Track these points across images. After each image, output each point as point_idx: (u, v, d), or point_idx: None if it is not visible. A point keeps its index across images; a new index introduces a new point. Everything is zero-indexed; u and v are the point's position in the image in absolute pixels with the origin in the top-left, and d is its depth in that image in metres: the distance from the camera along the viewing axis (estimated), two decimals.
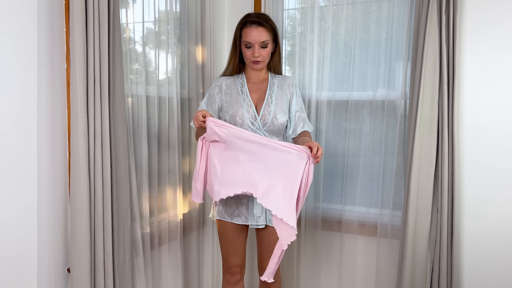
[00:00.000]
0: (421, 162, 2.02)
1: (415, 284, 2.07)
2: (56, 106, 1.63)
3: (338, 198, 2.41)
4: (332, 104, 2.38)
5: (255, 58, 1.95)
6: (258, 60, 1.96)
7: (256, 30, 1.93)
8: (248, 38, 1.95)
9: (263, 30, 1.94)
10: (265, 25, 1.94)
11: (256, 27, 1.94)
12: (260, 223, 1.95)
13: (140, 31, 2.04)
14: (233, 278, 2.08)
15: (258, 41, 1.94)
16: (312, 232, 2.44)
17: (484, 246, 2.06)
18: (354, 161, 2.35)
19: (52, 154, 1.63)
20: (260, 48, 1.95)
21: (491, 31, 1.99)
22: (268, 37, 1.95)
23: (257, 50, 1.95)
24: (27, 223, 1.56)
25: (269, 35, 1.96)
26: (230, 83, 2.05)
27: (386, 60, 2.25)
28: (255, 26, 1.94)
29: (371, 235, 2.31)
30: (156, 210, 2.15)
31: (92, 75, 1.60)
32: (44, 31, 1.56)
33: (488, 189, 2.04)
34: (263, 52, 1.96)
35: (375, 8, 2.27)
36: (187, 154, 2.37)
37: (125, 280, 1.82)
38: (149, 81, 2.09)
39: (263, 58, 1.97)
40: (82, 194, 1.60)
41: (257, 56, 1.95)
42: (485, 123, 2.03)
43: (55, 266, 1.67)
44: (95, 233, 1.67)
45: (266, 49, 1.97)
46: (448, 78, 1.98)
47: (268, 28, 1.95)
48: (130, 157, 1.91)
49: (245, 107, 1.97)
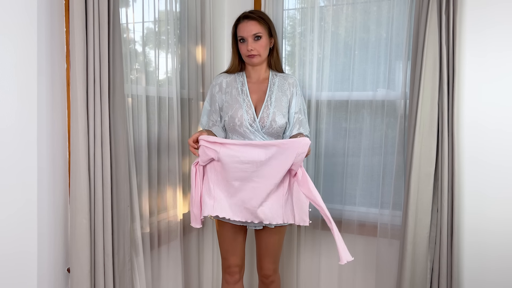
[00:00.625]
0: (421, 162, 2.02)
1: (415, 284, 2.07)
2: (56, 106, 1.63)
3: (338, 198, 2.41)
4: (332, 104, 2.38)
5: (249, 52, 1.95)
6: (253, 53, 1.96)
7: (247, 24, 1.95)
8: (240, 32, 1.97)
9: (254, 23, 1.95)
10: (256, 18, 1.96)
11: (247, 21, 1.96)
12: (258, 224, 1.95)
13: (140, 31, 2.04)
14: (232, 278, 2.08)
15: (250, 33, 1.94)
16: (312, 232, 2.44)
17: (484, 245, 2.06)
18: (354, 161, 2.35)
19: (52, 154, 1.63)
20: (254, 41, 1.95)
21: (491, 31, 1.99)
22: (260, 30, 1.96)
23: (250, 44, 1.95)
24: (27, 223, 1.56)
25: (261, 28, 1.96)
26: (230, 81, 2.05)
27: (386, 60, 2.25)
28: (246, 20, 1.96)
29: (371, 235, 2.31)
30: (156, 210, 2.15)
31: (92, 75, 1.60)
32: (44, 31, 1.56)
33: (488, 189, 2.04)
34: (256, 45, 1.96)
35: (375, 8, 2.27)
36: (187, 154, 2.37)
37: (125, 280, 1.82)
38: (149, 81, 2.09)
39: (258, 51, 1.96)
40: (82, 194, 1.60)
41: (251, 50, 1.95)
42: (485, 122, 2.03)
43: (55, 266, 1.67)
44: (95, 233, 1.67)
45: (259, 41, 1.96)
46: (448, 78, 1.98)
47: (259, 21, 1.96)
48: (130, 157, 1.91)
49: (245, 108, 1.96)
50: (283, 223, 1.91)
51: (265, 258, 2.06)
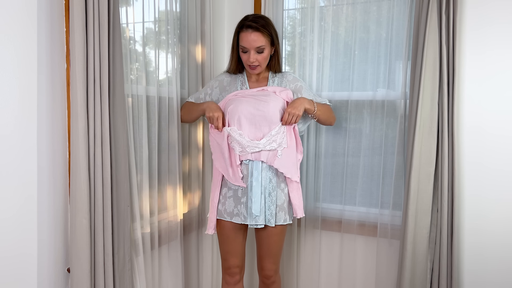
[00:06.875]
0: (421, 162, 2.02)
1: (415, 284, 2.07)
2: (56, 106, 1.63)
3: (338, 198, 2.41)
4: (332, 104, 2.38)
5: (250, 63, 1.95)
6: (254, 65, 1.96)
7: (251, 36, 1.92)
8: (243, 43, 1.94)
9: (259, 35, 1.92)
10: (261, 30, 1.92)
11: (252, 32, 1.92)
12: (259, 222, 1.95)
13: (140, 31, 2.04)
14: (233, 279, 2.08)
15: (253, 46, 1.93)
16: (312, 232, 2.44)
17: (484, 245, 2.06)
18: (354, 161, 2.35)
19: (52, 154, 1.63)
20: (256, 53, 1.95)
21: (491, 29, 1.99)
22: (264, 42, 1.94)
23: (253, 55, 1.94)
24: (27, 222, 1.56)
25: (265, 40, 1.94)
26: (231, 80, 2.08)
27: (386, 60, 2.25)
28: (250, 31, 1.92)
29: (371, 235, 2.31)
30: (156, 210, 2.14)
31: (92, 75, 1.60)
32: (44, 31, 1.56)
33: (488, 189, 2.04)
34: (259, 57, 1.95)
35: (375, 8, 2.27)
36: (187, 154, 2.37)
37: (125, 280, 1.82)
38: (149, 81, 2.09)
39: (259, 63, 1.97)
40: (82, 194, 1.60)
41: (253, 61, 1.95)
42: (485, 121, 2.03)
43: (55, 266, 1.67)
44: (95, 233, 1.67)
45: (262, 54, 1.96)
46: (448, 78, 1.98)
47: (264, 33, 1.93)
48: (130, 157, 1.91)
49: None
50: (282, 222, 1.91)
51: (266, 259, 2.06)
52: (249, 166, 1.95)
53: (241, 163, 1.97)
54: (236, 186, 1.98)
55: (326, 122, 2.13)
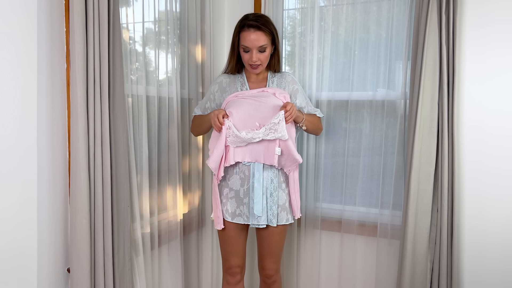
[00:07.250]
0: (421, 162, 2.02)
1: (415, 284, 2.07)
2: (56, 106, 1.63)
3: (338, 198, 2.41)
4: (332, 104, 2.38)
5: (253, 62, 1.95)
6: (256, 64, 1.96)
7: (253, 35, 1.91)
8: (245, 42, 1.93)
9: (261, 34, 1.92)
10: (263, 29, 1.91)
11: (254, 31, 1.91)
12: (261, 222, 1.95)
13: (140, 31, 2.04)
14: (233, 279, 2.08)
15: (256, 45, 1.92)
16: (312, 232, 2.44)
17: (484, 245, 2.06)
18: (354, 161, 2.35)
19: (52, 154, 1.63)
20: (258, 52, 1.94)
21: (491, 29, 1.99)
22: (266, 41, 1.93)
23: (255, 55, 1.93)
24: (26, 222, 1.56)
25: (267, 39, 1.94)
26: (230, 81, 2.07)
27: (386, 60, 2.25)
28: (252, 30, 1.91)
29: (371, 235, 2.31)
30: (156, 210, 2.15)
31: (92, 75, 1.60)
32: (44, 31, 1.56)
33: (488, 189, 2.04)
34: (261, 56, 1.95)
35: (375, 8, 2.27)
36: (187, 154, 2.37)
37: (125, 280, 1.82)
38: (149, 81, 2.09)
39: (261, 62, 1.97)
40: (82, 194, 1.60)
41: (255, 61, 1.95)
42: (485, 120, 2.03)
43: (55, 266, 1.67)
44: (95, 233, 1.67)
45: (264, 53, 1.95)
46: (448, 78, 1.98)
47: (266, 32, 1.92)
48: (130, 157, 1.91)
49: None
50: (285, 222, 1.91)
51: (268, 258, 2.06)
52: (251, 167, 1.95)
53: (239, 164, 1.97)
54: (237, 186, 1.98)
55: (313, 132, 2.16)
